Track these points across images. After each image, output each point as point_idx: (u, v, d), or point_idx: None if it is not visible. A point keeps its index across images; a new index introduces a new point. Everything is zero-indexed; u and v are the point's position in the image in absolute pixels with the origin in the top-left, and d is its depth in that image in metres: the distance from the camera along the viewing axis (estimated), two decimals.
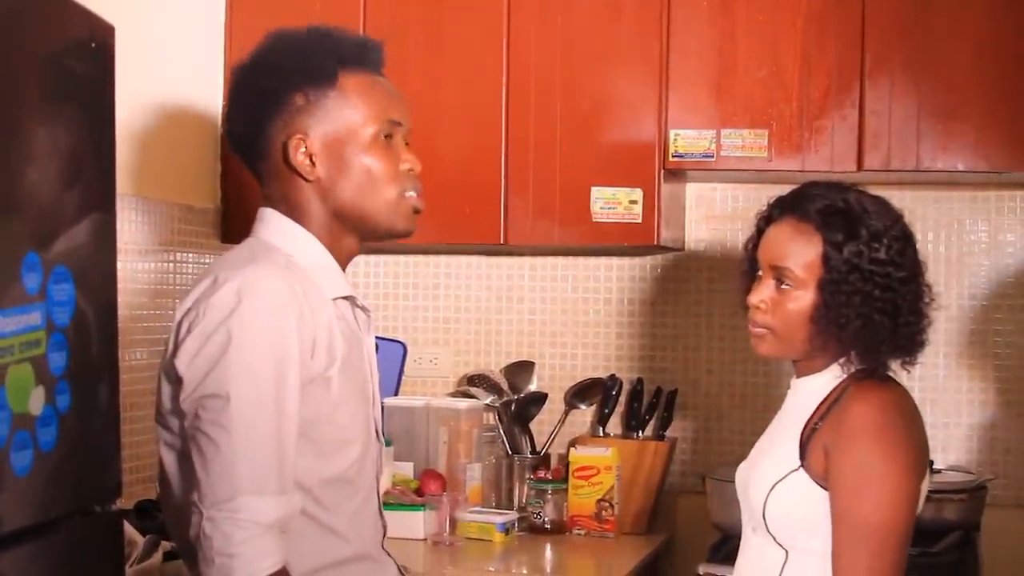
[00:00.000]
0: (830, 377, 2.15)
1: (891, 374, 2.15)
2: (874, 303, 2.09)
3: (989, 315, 3.37)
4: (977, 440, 3.35)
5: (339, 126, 1.99)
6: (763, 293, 2.16)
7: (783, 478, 2.11)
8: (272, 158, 2.01)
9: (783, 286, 2.14)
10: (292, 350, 1.85)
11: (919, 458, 2.10)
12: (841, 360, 2.13)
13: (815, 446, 2.09)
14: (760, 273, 2.19)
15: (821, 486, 2.08)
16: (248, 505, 1.78)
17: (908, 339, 2.13)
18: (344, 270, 2.05)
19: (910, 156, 3.05)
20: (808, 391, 2.17)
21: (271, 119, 2.00)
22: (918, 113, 3.04)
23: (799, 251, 2.13)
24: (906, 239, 2.15)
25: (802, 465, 2.10)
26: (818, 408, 2.13)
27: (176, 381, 1.87)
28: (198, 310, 1.86)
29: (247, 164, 2.08)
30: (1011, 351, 3.36)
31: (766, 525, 2.13)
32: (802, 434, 2.12)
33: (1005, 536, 3.22)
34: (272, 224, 2.03)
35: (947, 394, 3.38)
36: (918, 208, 3.35)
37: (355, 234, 2.05)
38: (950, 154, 3.04)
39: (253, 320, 1.83)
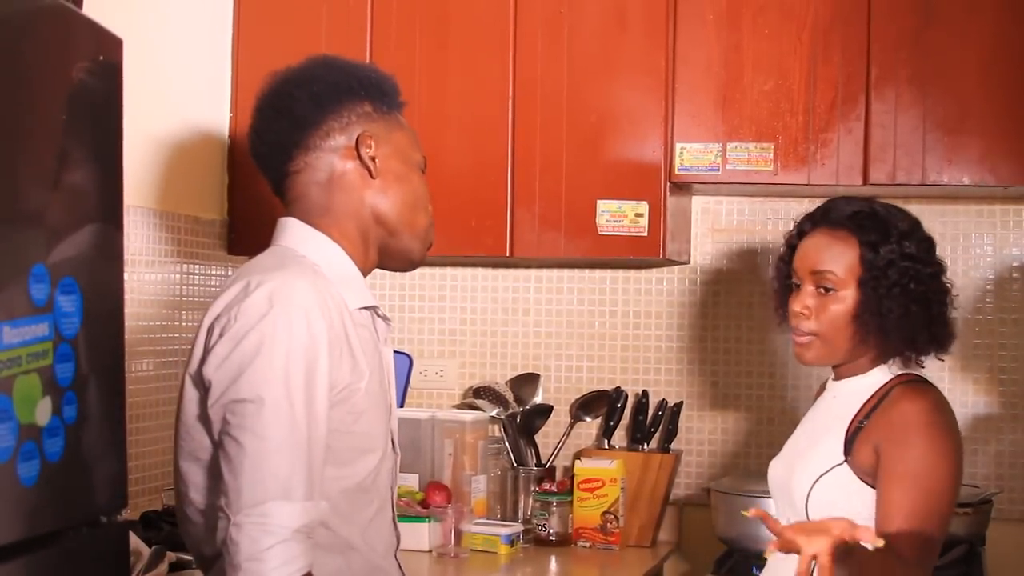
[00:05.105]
0: (874, 380, 2.27)
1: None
2: (911, 295, 2.24)
3: (994, 329, 3.36)
4: (982, 454, 3.34)
5: (397, 145, 2.08)
6: (805, 300, 2.28)
7: (827, 471, 2.21)
8: (322, 151, 2.03)
9: (825, 291, 2.26)
10: (322, 355, 1.84)
11: (961, 458, 2.22)
12: (888, 362, 2.26)
13: (861, 443, 2.20)
14: (797, 284, 2.31)
15: (864, 482, 2.18)
16: (276, 510, 1.76)
17: (942, 327, 2.29)
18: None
19: (916, 169, 3.05)
20: (850, 392, 2.28)
21: (337, 112, 2.03)
22: (924, 126, 3.04)
23: (837, 255, 2.27)
24: (929, 240, 2.34)
25: (847, 460, 2.20)
26: (863, 407, 2.24)
27: (204, 387, 1.85)
28: (229, 315, 1.85)
29: (277, 161, 2.05)
30: (1016, 365, 3.35)
31: (807, 517, 2.19)
32: (847, 431, 2.22)
33: (1010, 550, 3.22)
34: (296, 233, 2.03)
35: (952, 408, 3.36)
36: (923, 221, 3.31)
37: (376, 247, 2.07)
38: (956, 167, 3.04)
39: (285, 325, 1.82)
